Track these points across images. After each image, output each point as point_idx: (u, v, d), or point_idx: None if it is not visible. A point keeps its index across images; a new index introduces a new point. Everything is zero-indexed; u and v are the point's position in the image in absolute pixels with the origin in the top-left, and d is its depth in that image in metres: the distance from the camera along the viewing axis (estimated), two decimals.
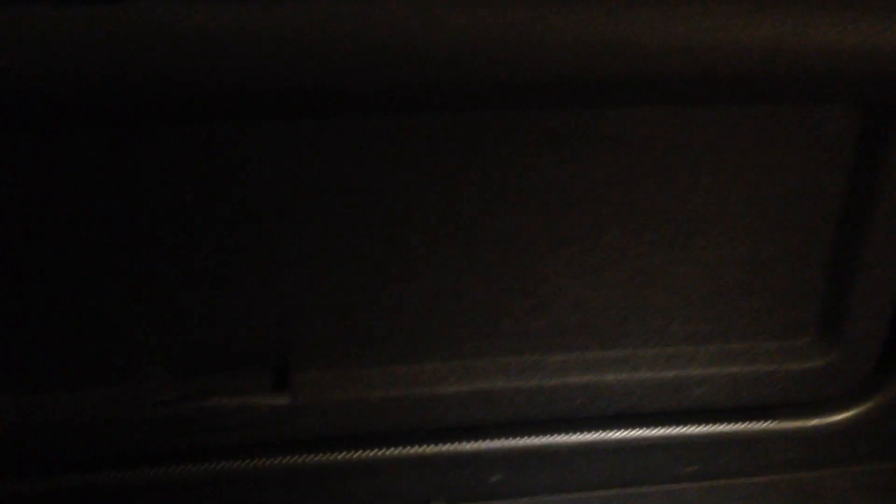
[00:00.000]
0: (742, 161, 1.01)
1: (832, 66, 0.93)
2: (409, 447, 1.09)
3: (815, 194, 1.04)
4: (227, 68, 0.85)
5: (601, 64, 0.90)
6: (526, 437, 1.11)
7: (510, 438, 1.11)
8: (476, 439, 1.10)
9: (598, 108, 0.95)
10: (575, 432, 1.12)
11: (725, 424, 1.15)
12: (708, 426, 1.15)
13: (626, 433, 1.13)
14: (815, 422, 1.16)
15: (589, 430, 1.12)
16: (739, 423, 1.15)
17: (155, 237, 0.96)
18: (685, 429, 1.14)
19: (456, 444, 1.10)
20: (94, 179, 0.91)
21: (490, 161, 0.97)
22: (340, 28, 0.86)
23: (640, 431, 1.13)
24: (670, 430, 1.14)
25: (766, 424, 1.15)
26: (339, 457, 1.10)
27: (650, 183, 1.01)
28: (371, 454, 1.10)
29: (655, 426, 1.13)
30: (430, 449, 1.09)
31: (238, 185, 0.94)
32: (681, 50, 0.90)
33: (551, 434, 1.11)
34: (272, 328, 1.03)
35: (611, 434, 1.13)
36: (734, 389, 1.13)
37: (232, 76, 0.85)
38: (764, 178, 1.02)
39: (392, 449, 1.09)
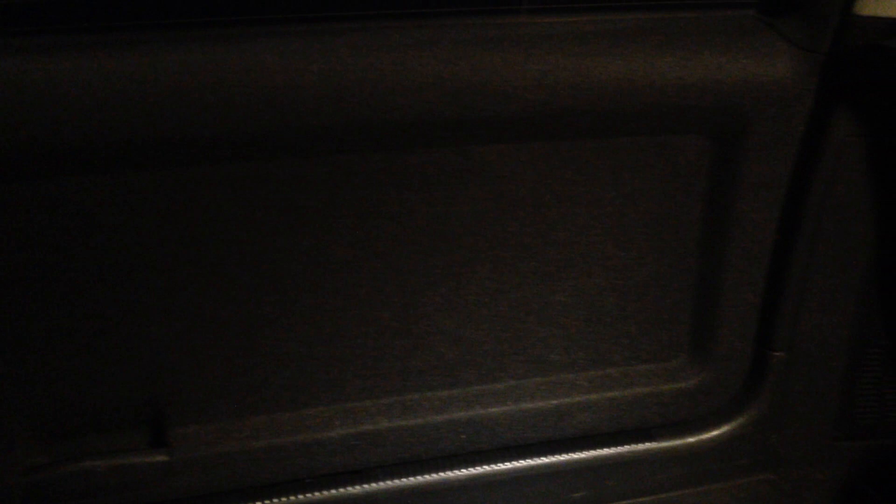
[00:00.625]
0: (606, 191, 1.05)
1: (680, 100, 0.98)
2: (296, 495, 1.07)
3: (676, 221, 1.09)
4: (79, 122, 0.83)
5: (464, 104, 0.93)
6: (414, 476, 1.11)
7: (399, 478, 1.10)
8: (365, 482, 1.09)
9: (464, 146, 0.97)
10: (463, 467, 1.12)
11: (609, 448, 1.17)
12: (592, 451, 1.17)
13: (513, 464, 1.14)
14: (693, 439, 1.20)
15: (476, 464, 1.13)
16: (622, 446, 1.18)
17: (15, 297, 0.92)
18: (570, 455, 1.16)
19: (344, 488, 1.08)
20: None
21: (360, 203, 0.98)
22: (201, 78, 0.85)
23: (527, 461, 1.14)
24: (556, 458, 1.15)
25: (647, 445, 1.18)
26: None
27: (520, 217, 1.04)
28: None
29: (542, 455, 1.15)
30: (318, 495, 1.08)
31: (101, 241, 0.92)
32: (539, 88, 0.94)
33: (440, 471, 1.11)
34: (146, 384, 1.00)
35: (498, 466, 1.14)
36: (615, 413, 1.16)
37: (83, 130, 0.84)
38: (628, 208, 1.06)
39: (278, 499, 1.07)
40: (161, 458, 1.01)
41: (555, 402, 1.13)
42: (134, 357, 0.98)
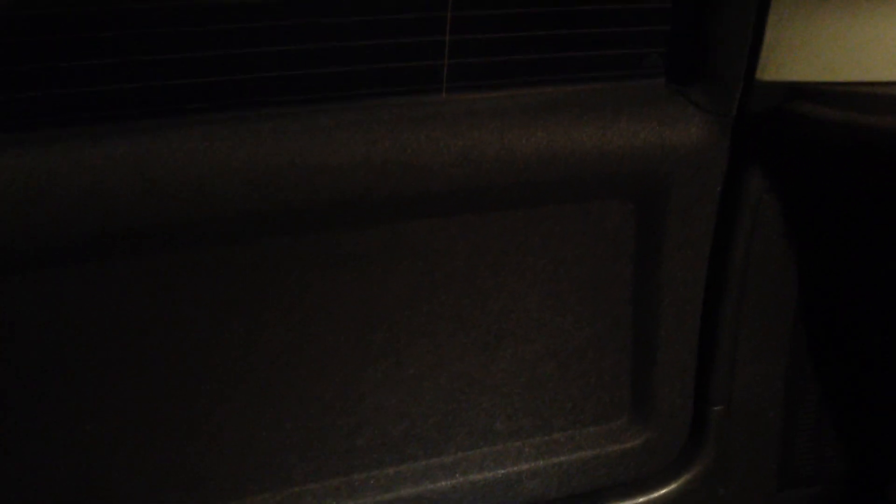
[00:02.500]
0: (538, 259, 1.07)
1: (600, 167, 1.02)
2: None
3: (608, 284, 1.11)
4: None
5: (392, 182, 0.95)
6: None
7: None
8: None
9: (394, 223, 0.99)
10: None
11: None
12: None
13: None
14: (643, 499, 1.21)
15: None
16: None
17: None
18: None
19: None
20: None
21: (293, 286, 0.98)
22: (123, 169, 0.86)
23: None
24: None
25: None
26: None
27: (455, 289, 1.05)
28: None
29: None
30: None
31: (19, 336, 0.90)
32: (464, 163, 0.97)
33: None
34: (78, 483, 0.97)
35: None
36: (563, 478, 1.16)
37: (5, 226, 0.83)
38: (561, 274, 1.09)
39: None
40: None
41: (502, 471, 1.13)
42: (66, 455, 0.95)
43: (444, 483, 1.11)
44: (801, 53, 1.02)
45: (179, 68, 0.90)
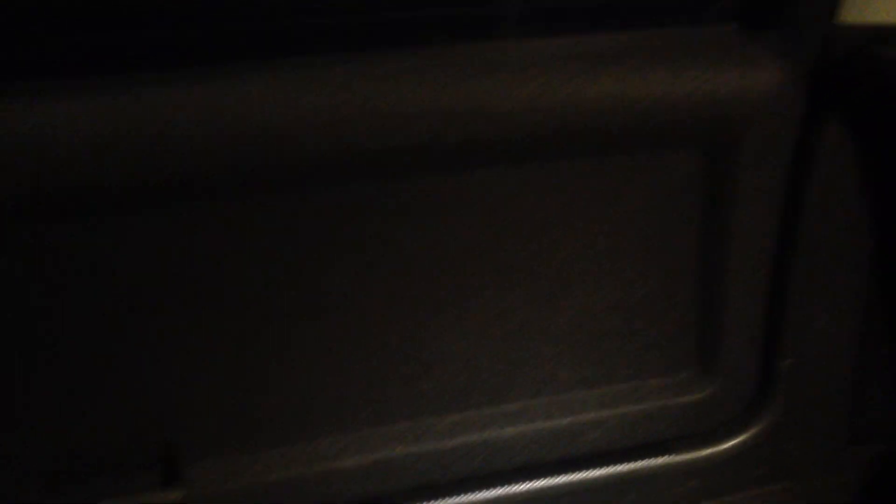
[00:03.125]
0: (604, 210, 1.06)
1: (671, 115, 1.00)
2: None
3: (674, 234, 1.10)
4: (69, 165, 0.85)
5: (459, 130, 0.94)
6: (432, 502, 1.11)
7: None
8: None
9: (461, 171, 0.99)
10: (478, 491, 1.12)
11: (624, 464, 1.17)
12: (608, 468, 1.17)
13: (528, 485, 1.14)
14: (708, 451, 1.20)
15: (492, 487, 1.13)
16: (637, 462, 1.17)
17: (21, 340, 0.93)
18: (586, 473, 1.16)
19: None
20: None
21: (360, 233, 0.99)
22: (195, 116, 0.87)
23: (543, 482, 1.14)
24: (572, 476, 1.15)
25: (662, 460, 1.18)
26: None
27: (521, 239, 1.05)
28: None
29: (557, 474, 1.15)
30: None
31: (108, 282, 0.93)
32: (531, 110, 0.95)
33: (455, 495, 1.11)
34: (157, 421, 1.01)
35: (514, 488, 1.13)
36: (628, 429, 1.16)
37: (73, 172, 0.85)
38: (628, 224, 1.07)
39: None
40: (176, 496, 1.01)
41: (566, 420, 1.14)
42: (144, 395, 0.99)
43: (507, 431, 1.12)
44: None
45: (250, 13, 0.91)
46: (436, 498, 1.11)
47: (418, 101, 0.92)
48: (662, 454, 1.19)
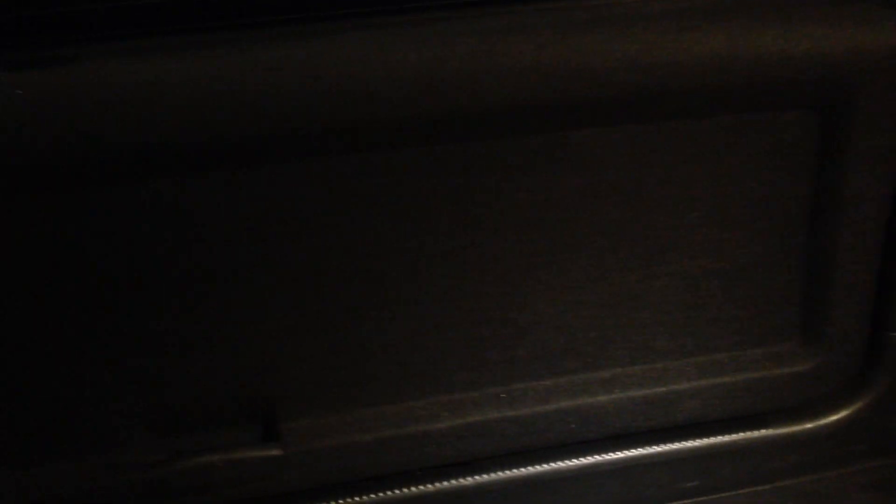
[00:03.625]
0: (708, 172, 1.03)
1: (783, 73, 0.96)
2: (406, 488, 1.08)
3: (782, 199, 1.06)
4: (176, 121, 0.86)
5: (559, 88, 0.92)
6: (523, 467, 1.10)
7: (509, 469, 1.10)
8: (475, 473, 1.09)
9: (560, 131, 0.97)
10: (572, 457, 1.11)
11: (721, 436, 1.15)
12: (703, 439, 1.14)
13: (623, 454, 1.12)
14: (809, 425, 1.16)
15: (586, 454, 1.12)
16: (734, 434, 1.15)
17: (127, 299, 0.95)
18: (681, 444, 1.13)
19: (455, 480, 1.08)
20: (65, 245, 0.91)
21: (459, 193, 0.98)
22: (300, 72, 0.87)
23: (637, 451, 1.12)
24: (667, 446, 1.13)
25: (760, 432, 1.15)
26: None
27: (619, 202, 1.02)
28: (367, 499, 1.08)
29: (652, 444, 1.13)
30: (429, 488, 1.08)
31: (207, 238, 0.94)
32: (635, 69, 0.92)
33: (548, 461, 1.11)
34: (255, 379, 1.02)
35: (608, 456, 1.12)
36: (725, 400, 1.13)
37: (180, 129, 0.86)
38: (731, 188, 1.04)
39: (389, 492, 1.08)
40: (275, 452, 1.02)
41: (662, 389, 1.11)
42: (245, 352, 1.00)
43: (602, 398, 1.10)
44: None
45: None
46: (529, 463, 1.10)
47: (519, 58, 0.91)
48: (761, 427, 1.15)
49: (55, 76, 0.82)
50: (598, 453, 1.12)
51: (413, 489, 1.08)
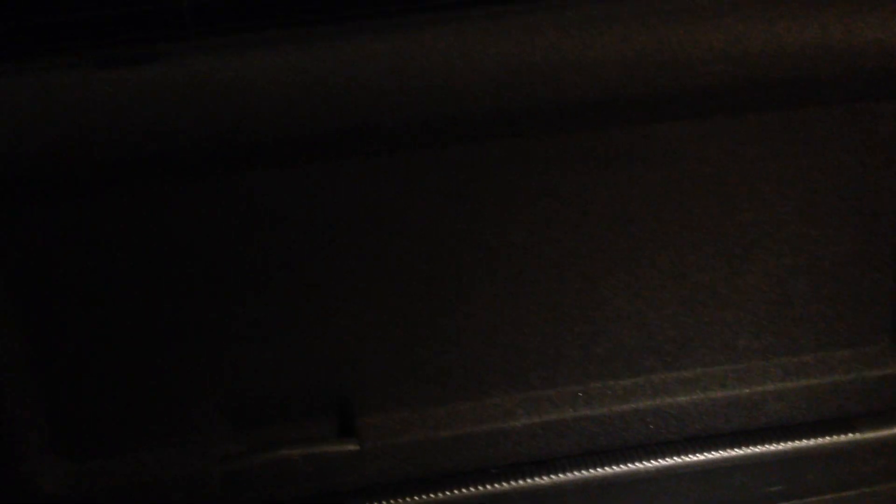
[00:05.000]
0: (796, 167, 0.99)
1: (880, 63, 0.92)
2: (482, 486, 1.07)
3: (874, 195, 1.02)
4: (268, 115, 0.86)
5: (645, 81, 0.90)
6: (601, 468, 1.08)
7: (586, 469, 1.08)
8: (551, 472, 1.07)
9: (644, 124, 0.95)
10: (651, 459, 1.09)
11: (806, 439, 1.11)
12: (788, 443, 1.10)
13: (703, 456, 1.09)
14: None
15: (665, 456, 1.09)
16: (821, 437, 1.11)
17: (209, 292, 0.96)
18: (765, 447, 1.10)
19: (530, 479, 1.07)
20: (144, 238, 0.92)
21: (538, 186, 0.96)
22: (379, 66, 0.87)
23: (719, 453, 1.09)
24: (750, 449, 1.10)
25: (848, 436, 1.11)
26: (411, 502, 1.07)
27: (703, 197, 1.00)
28: (442, 496, 1.07)
29: (734, 446, 1.10)
30: (505, 486, 1.07)
31: (286, 232, 0.94)
32: (726, 59, 0.90)
33: (627, 462, 1.08)
34: (333, 373, 1.02)
35: (688, 458, 1.09)
36: (812, 402, 1.10)
37: (272, 123, 0.86)
38: (820, 183, 1.00)
39: (464, 490, 1.07)
40: (352, 446, 1.02)
41: (746, 390, 1.08)
42: (323, 346, 1.01)
43: (682, 398, 1.08)
44: None
45: None
46: (606, 464, 1.08)
47: (602, 51, 0.88)
48: (848, 430, 1.11)
49: (145, 72, 0.83)
50: (678, 455, 1.09)
51: (488, 487, 1.07)
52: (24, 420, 0.96)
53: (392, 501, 1.06)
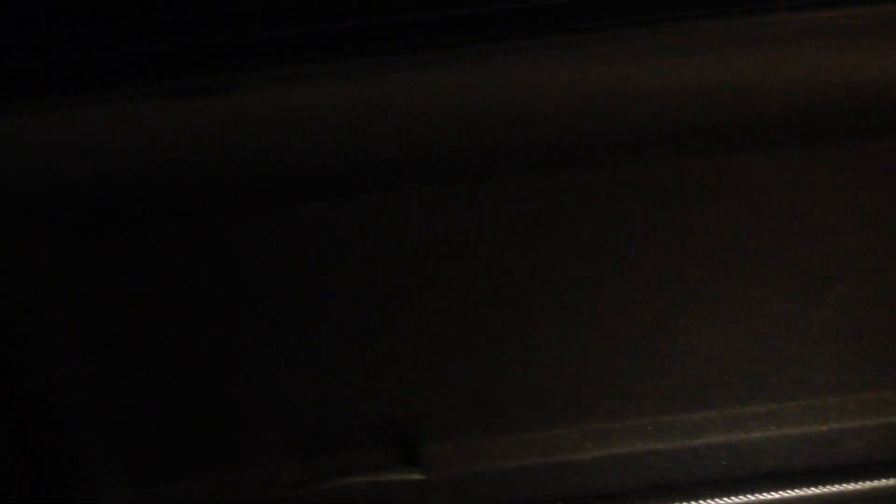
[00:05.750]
0: (873, 197, 0.97)
1: None
2: None
3: None
4: (341, 145, 0.87)
5: (719, 110, 0.89)
6: (671, 503, 1.06)
7: None
8: None
9: (717, 154, 0.93)
10: (723, 495, 1.06)
11: (885, 479, 1.07)
12: (867, 482, 1.07)
13: (779, 494, 1.06)
14: None
15: (738, 493, 1.06)
16: None
17: (275, 319, 0.97)
18: (843, 486, 1.06)
19: None
20: (211, 267, 0.94)
21: (609, 217, 0.95)
22: (450, 96, 0.87)
23: (794, 492, 1.06)
24: (827, 488, 1.06)
25: None
26: None
27: (777, 228, 0.97)
28: None
29: (810, 485, 1.06)
30: None
31: (352, 261, 0.95)
32: (804, 88, 0.88)
33: (698, 499, 1.06)
34: (399, 402, 1.02)
35: (762, 496, 1.06)
36: (891, 440, 1.06)
37: (344, 153, 0.87)
38: None
39: None
40: (417, 476, 1.02)
41: (823, 427, 1.05)
42: (387, 375, 1.01)
43: (756, 434, 1.05)
44: None
45: None
46: (676, 499, 1.06)
47: (671, 80, 0.87)
48: None
49: (220, 103, 0.85)
50: (752, 492, 1.06)
51: None
52: (89, 445, 0.98)
53: None
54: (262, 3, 0.85)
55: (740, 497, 1.06)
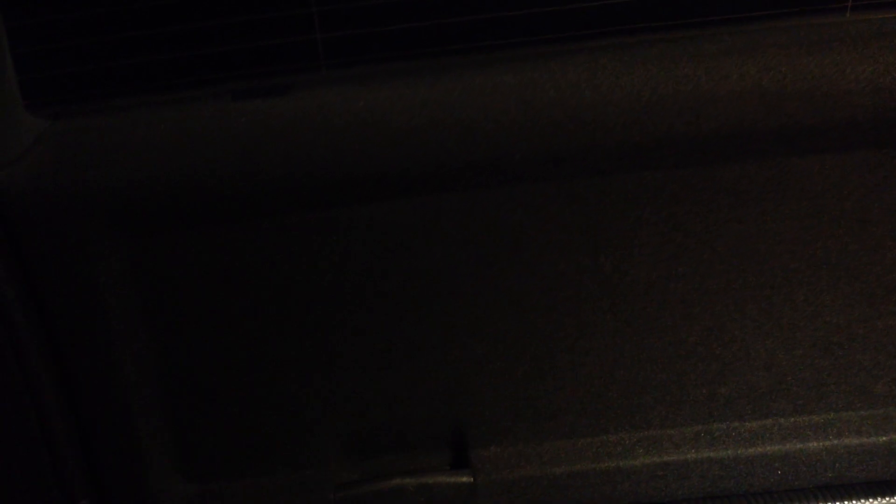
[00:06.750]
0: None
1: None
2: None
3: None
4: (398, 146, 0.86)
5: (785, 113, 0.86)
6: None
7: None
8: None
9: (782, 158, 0.90)
10: None
11: None
12: None
13: None
14: None
15: (792, 503, 1.04)
16: None
17: (329, 323, 0.97)
18: None
19: None
20: (269, 268, 0.94)
21: (667, 221, 0.93)
22: (509, 99, 0.86)
23: (851, 503, 1.03)
24: (886, 500, 1.03)
25: None
26: None
27: (842, 233, 0.94)
28: None
29: (869, 497, 1.03)
30: None
31: (406, 265, 0.94)
32: (871, 91, 0.85)
33: None
34: (449, 405, 1.02)
35: None
36: None
37: (401, 154, 0.86)
38: None
39: None
40: (465, 478, 1.01)
41: (883, 438, 1.02)
42: (437, 378, 1.00)
43: (813, 444, 1.02)
44: None
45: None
46: None
47: (738, 82, 0.85)
48: None
49: (279, 104, 0.85)
50: (807, 503, 1.04)
51: None
52: (150, 443, 0.99)
53: None
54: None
55: None
